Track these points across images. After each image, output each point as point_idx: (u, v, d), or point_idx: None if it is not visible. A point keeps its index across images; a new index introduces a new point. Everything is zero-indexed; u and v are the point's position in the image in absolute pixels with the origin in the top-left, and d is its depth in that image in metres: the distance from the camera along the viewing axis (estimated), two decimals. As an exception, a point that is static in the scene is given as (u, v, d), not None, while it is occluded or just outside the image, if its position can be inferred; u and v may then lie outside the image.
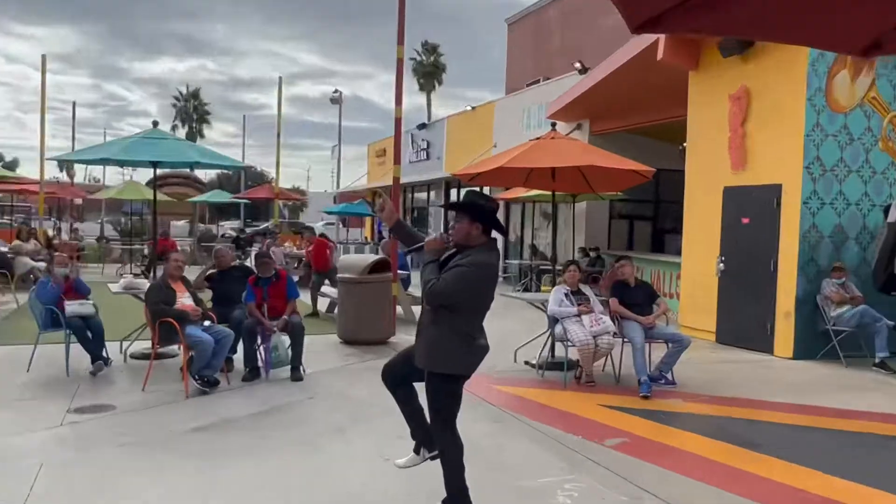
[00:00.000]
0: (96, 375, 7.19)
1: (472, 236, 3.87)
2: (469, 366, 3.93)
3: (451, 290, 3.72)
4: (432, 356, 3.86)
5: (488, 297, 3.95)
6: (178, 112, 53.05)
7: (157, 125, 8.34)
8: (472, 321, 3.91)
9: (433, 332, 3.85)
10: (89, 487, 4.33)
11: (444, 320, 3.83)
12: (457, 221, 3.91)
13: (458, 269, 3.75)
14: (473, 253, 3.82)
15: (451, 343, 3.82)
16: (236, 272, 7.90)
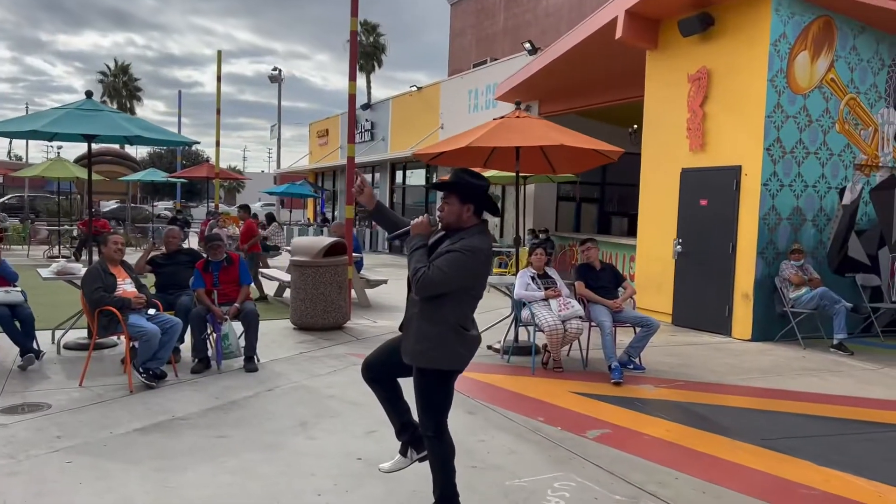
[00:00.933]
0: (26, 370, 6.55)
1: (464, 218, 3.52)
2: (463, 360, 3.57)
3: (446, 278, 3.34)
4: (423, 352, 3.48)
5: (483, 284, 3.59)
6: (107, 88, 50.51)
7: (91, 96, 7.64)
8: (466, 311, 3.55)
9: (423, 326, 3.47)
10: (25, 501, 3.81)
11: (435, 312, 3.45)
12: (445, 202, 3.54)
13: (451, 254, 3.38)
14: (466, 236, 3.46)
15: (443, 337, 3.45)
16: (183, 256, 7.32)
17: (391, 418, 3.86)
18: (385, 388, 3.82)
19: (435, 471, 3.63)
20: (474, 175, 3.61)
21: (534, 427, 5.36)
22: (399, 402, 3.83)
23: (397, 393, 3.83)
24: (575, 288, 7.59)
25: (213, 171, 18.64)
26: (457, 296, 3.46)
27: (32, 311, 6.75)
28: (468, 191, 3.52)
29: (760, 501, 4.10)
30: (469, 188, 3.53)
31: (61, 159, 18.58)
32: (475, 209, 3.54)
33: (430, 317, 3.46)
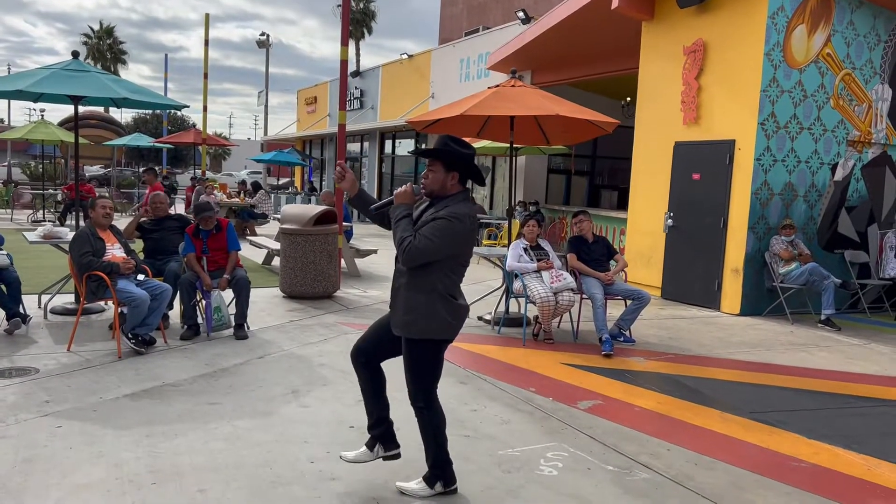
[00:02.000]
0: (13, 334, 6.48)
1: (448, 186, 3.46)
2: (453, 329, 3.53)
3: (433, 246, 3.30)
4: (413, 322, 3.43)
5: (470, 251, 3.54)
6: (91, 50, 49.58)
7: (78, 56, 7.44)
8: (454, 280, 3.49)
9: (412, 296, 3.42)
10: (14, 466, 3.77)
11: (422, 281, 3.41)
12: (430, 169, 3.47)
13: (437, 221, 3.33)
14: (451, 203, 3.41)
15: (433, 306, 3.41)
16: (172, 222, 7.22)
17: (369, 408, 3.76)
18: (372, 374, 3.73)
19: (427, 440, 3.61)
20: (460, 143, 3.53)
21: (525, 397, 5.36)
22: (382, 394, 3.74)
23: (382, 384, 3.73)
24: (567, 260, 7.58)
25: (200, 136, 18.37)
26: (444, 264, 3.41)
27: (18, 275, 6.64)
28: (453, 158, 3.46)
29: (752, 473, 4.13)
30: (454, 156, 3.46)
31: (45, 122, 18.24)
32: (460, 177, 3.49)
33: (418, 286, 3.42)
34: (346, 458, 3.79)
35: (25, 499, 3.42)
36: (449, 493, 3.63)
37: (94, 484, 3.60)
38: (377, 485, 3.76)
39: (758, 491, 3.90)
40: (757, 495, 3.84)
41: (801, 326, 8.68)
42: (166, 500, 3.47)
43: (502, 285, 8.24)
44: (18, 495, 3.45)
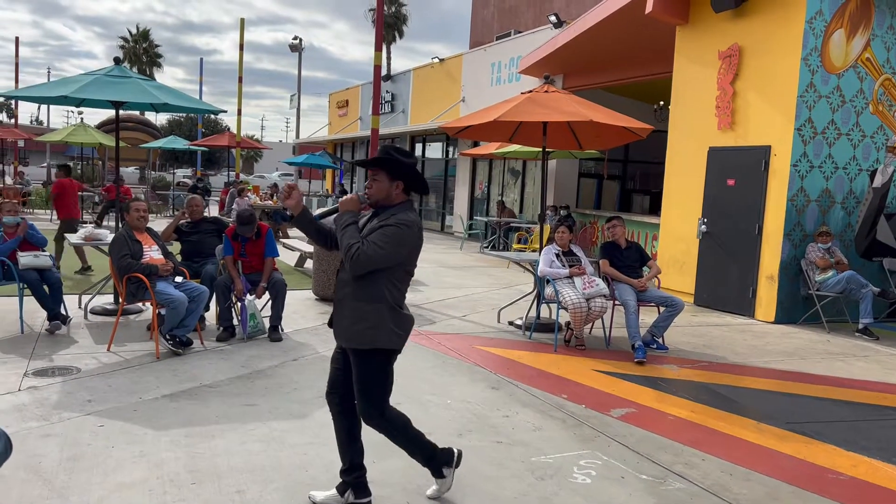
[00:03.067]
0: (54, 334, 6.64)
1: (393, 195, 3.42)
2: (401, 340, 3.45)
3: (382, 253, 3.25)
4: (363, 332, 3.34)
5: (415, 261, 3.51)
6: (127, 53, 50.46)
7: (120, 62, 7.61)
8: (401, 289, 3.44)
9: (359, 305, 3.34)
10: (60, 463, 3.87)
11: (370, 291, 3.33)
12: (374, 179, 3.42)
13: (386, 228, 3.29)
14: (397, 212, 3.37)
15: (380, 315, 3.34)
16: (208, 224, 7.35)
17: (343, 454, 3.59)
18: (348, 417, 3.55)
19: (402, 444, 3.57)
20: (403, 152, 3.49)
21: (557, 404, 5.36)
22: (357, 438, 3.60)
23: (357, 428, 3.59)
24: (599, 266, 7.55)
25: (235, 139, 18.62)
26: (392, 272, 3.37)
27: (60, 276, 6.81)
28: (397, 168, 3.42)
29: (788, 485, 4.09)
30: (398, 165, 3.42)
31: (84, 125, 18.64)
32: (405, 187, 3.46)
33: (364, 296, 3.34)
34: (315, 499, 3.60)
35: (70, 496, 3.52)
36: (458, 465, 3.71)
37: (136, 483, 3.69)
38: (410, 489, 3.79)
39: (793, 502, 3.86)
40: (794, 507, 3.81)
41: (838, 335, 8.54)
42: (206, 500, 3.54)
43: (533, 290, 8.24)
44: (63, 492, 3.55)
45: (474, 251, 16.32)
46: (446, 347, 6.93)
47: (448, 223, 22.33)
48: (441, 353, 6.72)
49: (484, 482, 3.93)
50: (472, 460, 4.20)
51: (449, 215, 22.37)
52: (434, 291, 10.21)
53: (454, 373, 6.08)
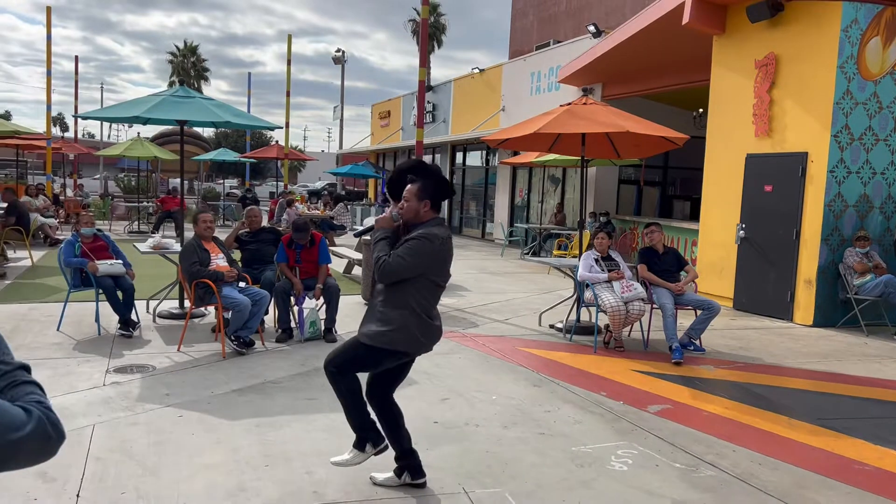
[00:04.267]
0: (131, 336, 7.18)
1: (421, 213, 3.75)
2: (420, 347, 3.77)
3: (405, 264, 3.57)
4: (384, 333, 3.65)
5: (445, 271, 3.80)
6: (176, 68, 52.16)
7: (184, 83, 8.18)
8: (429, 298, 3.74)
9: (386, 310, 3.67)
10: (149, 448, 4.35)
11: (396, 297, 3.66)
12: (404, 199, 3.76)
13: (410, 242, 3.62)
14: (424, 227, 3.70)
15: (405, 321, 3.65)
16: (266, 234, 7.85)
17: (392, 442, 3.93)
18: (390, 410, 3.93)
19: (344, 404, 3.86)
20: (426, 168, 3.81)
21: (596, 401, 5.68)
22: (401, 427, 3.95)
23: (401, 418, 3.97)
24: (638, 271, 7.84)
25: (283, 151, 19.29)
26: (418, 283, 3.66)
27: (133, 284, 7.36)
28: (424, 188, 3.73)
29: (815, 474, 4.35)
30: (424, 186, 3.73)
31: (140, 139, 19.52)
32: (431, 204, 3.76)
33: (392, 302, 3.66)
34: (376, 479, 3.96)
35: (161, 474, 3.98)
36: (380, 453, 3.92)
37: (217, 465, 4.14)
38: (461, 473, 4.17)
39: (821, 490, 4.13)
40: (819, 494, 4.07)
41: (877, 338, 8.66)
42: (279, 479, 3.97)
43: (573, 295, 8.55)
44: (155, 471, 4.02)
45: (515, 258, 16.65)
46: (490, 348, 7.29)
47: (489, 230, 22.68)
48: (485, 353, 7.09)
49: (528, 469, 4.28)
50: (517, 449, 4.57)
51: (490, 222, 22.72)
52: (476, 296, 10.58)
53: (498, 372, 6.44)
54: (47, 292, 9.41)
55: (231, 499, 3.72)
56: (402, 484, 3.95)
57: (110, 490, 3.76)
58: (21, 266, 11.71)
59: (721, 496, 3.99)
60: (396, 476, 3.98)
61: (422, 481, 3.97)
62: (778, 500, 3.96)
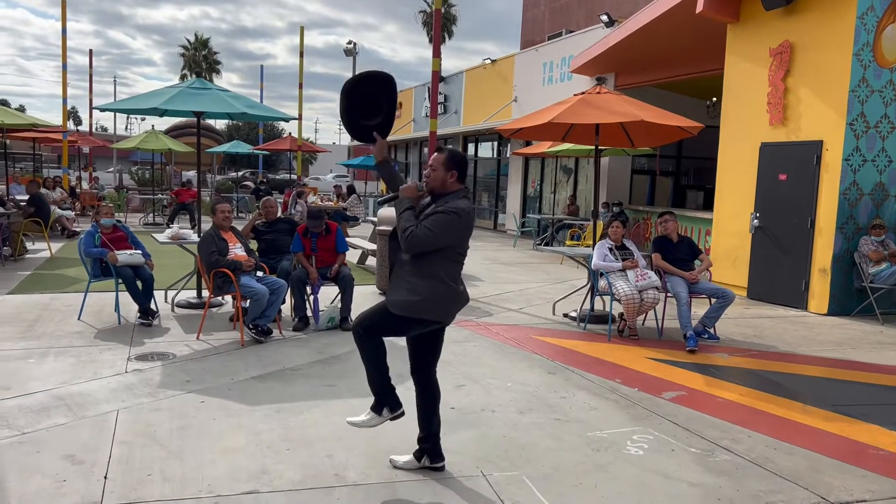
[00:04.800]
0: (150, 325, 7.28)
1: (448, 184, 3.80)
2: (450, 315, 3.87)
3: (432, 236, 3.62)
4: (416, 304, 3.72)
5: (467, 242, 3.88)
6: (188, 61, 52.32)
7: (201, 75, 8.25)
8: (455, 267, 3.82)
9: (415, 281, 3.72)
10: (172, 432, 4.44)
11: (424, 267, 3.72)
12: (431, 168, 3.83)
13: (438, 215, 3.66)
14: (450, 199, 3.75)
15: (434, 290, 3.72)
16: (282, 224, 7.93)
17: (422, 423, 4.02)
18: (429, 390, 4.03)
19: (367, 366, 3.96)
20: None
21: (611, 387, 5.73)
22: (436, 414, 4.02)
23: (437, 403, 4.04)
24: (652, 259, 7.86)
25: (296, 143, 19.36)
26: (444, 252, 3.73)
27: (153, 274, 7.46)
28: (452, 159, 3.81)
29: (830, 458, 4.38)
30: (453, 157, 3.82)
31: (155, 132, 19.65)
32: (459, 176, 3.82)
33: (420, 272, 3.71)
34: (396, 462, 4.05)
35: (185, 457, 4.07)
36: (396, 418, 3.99)
37: (239, 448, 4.23)
38: (479, 457, 4.23)
39: (836, 474, 4.16)
40: (834, 478, 4.11)
41: (892, 326, 8.65)
42: (300, 462, 4.05)
43: (586, 284, 8.59)
44: (179, 454, 4.11)
45: (527, 248, 16.67)
46: (504, 337, 7.35)
47: (500, 221, 22.70)
48: (500, 341, 7.14)
49: (544, 453, 4.34)
50: (534, 434, 4.63)
51: (501, 213, 22.74)
52: (490, 286, 10.63)
53: (513, 359, 6.49)
54: (67, 282, 9.54)
55: (254, 481, 3.80)
56: (422, 467, 4.02)
57: (136, 472, 3.85)
58: (40, 257, 11.87)
59: (736, 480, 4.03)
60: (416, 459, 4.05)
61: (441, 465, 4.03)
62: (793, 484, 4.00)
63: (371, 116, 4.09)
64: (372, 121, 4.09)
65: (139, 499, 3.55)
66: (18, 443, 4.19)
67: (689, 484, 3.96)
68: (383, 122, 4.11)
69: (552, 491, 3.81)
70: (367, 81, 4.12)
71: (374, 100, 4.10)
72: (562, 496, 3.75)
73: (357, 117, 4.10)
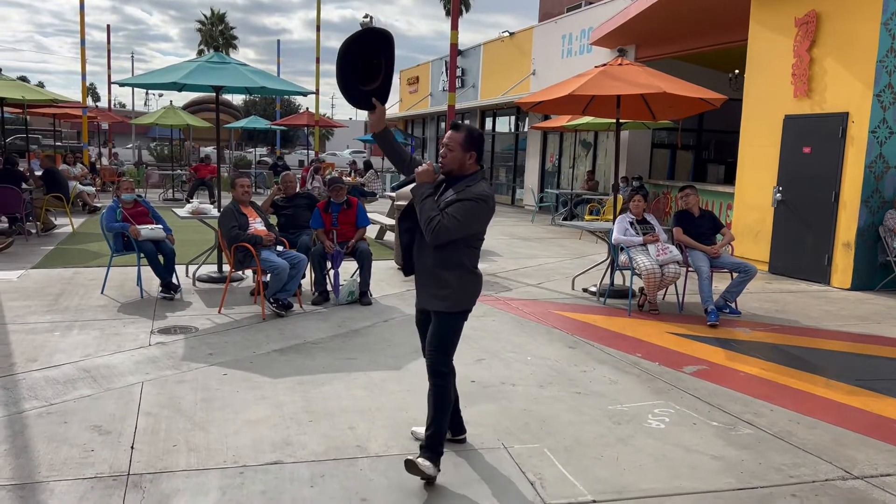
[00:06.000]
0: (172, 299, 7.35)
1: (466, 165, 3.56)
2: (475, 299, 3.71)
3: (460, 226, 3.42)
4: (448, 297, 3.56)
5: (486, 227, 3.68)
6: (204, 36, 52.22)
7: (219, 49, 8.22)
8: (476, 253, 3.66)
9: (442, 273, 3.55)
10: (196, 404, 4.49)
11: (450, 258, 3.54)
12: (448, 148, 3.54)
13: (465, 203, 3.43)
14: (472, 183, 3.50)
15: (462, 280, 3.58)
16: (302, 199, 7.94)
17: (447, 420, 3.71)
18: None
19: (438, 408, 3.60)
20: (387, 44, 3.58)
21: (632, 361, 5.72)
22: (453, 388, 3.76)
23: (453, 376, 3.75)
24: (673, 234, 7.79)
25: (313, 118, 19.32)
26: (467, 241, 3.56)
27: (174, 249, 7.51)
28: (471, 139, 3.54)
29: (853, 432, 4.35)
30: (472, 136, 3.54)
31: (173, 108, 19.69)
32: (477, 156, 3.59)
33: (446, 263, 3.54)
34: (418, 434, 3.96)
35: (210, 428, 4.12)
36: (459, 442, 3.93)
37: (262, 419, 4.27)
38: (499, 429, 4.24)
39: (859, 448, 4.13)
40: (858, 451, 4.08)
41: (917, 301, 8.54)
42: (323, 434, 4.08)
43: (606, 259, 8.54)
44: (204, 425, 4.16)
45: (545, 224, 16.61)
46: (524, 312, 7.34)
47: (518, 196, 22.60)
48: (519, 316, 7.14)
49: (565, 426, 4.34)
50: (554, 407, 4.63)
51: (519, 189, 22.63)
52: (508, 262, 10.61)
53: (532, 334, 6.49)
54: (90, 257, 9.64)
55: (278, 451, 3.84)
56: None
57: (162, 442, 3.91)
58: (63, 232, 11.99)
59: (759, 453, 4.02)
60: None
61: (462, 437, 4.05)
62: (816, 458, 3.98)
63: (369, 80, 3.71)
64: (370, 85, 3.70)
65: (165, 468, 3.60)
66: (46, 413, 4.26)
67: (712, 457, 3.95)
68: (381, 86, 3.72)
69: (573, 463, 3.82)
70: (362, 41, 3.69)
71: (372, 60, 3.70)
72: (583, 468, 3.76)
73: (353, 83, 3.70)
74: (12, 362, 5.18)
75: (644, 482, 3.63)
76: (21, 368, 5.05)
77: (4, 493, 3.30)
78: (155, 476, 3.52)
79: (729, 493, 3.54)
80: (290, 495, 3.38)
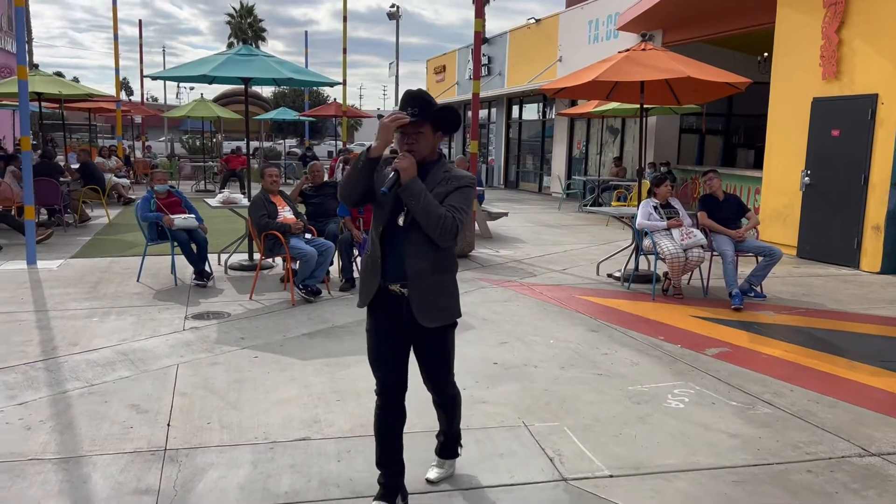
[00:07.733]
0: (205, 286, 7.56)
1: (435, 148, 3.06)
2: None
3: (466, 218, 3.01)
4: (448, 307, 3.15)
5: None
6: (234, 29, 52.74)
7: (247, 42, 8.40)
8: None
9: (442, 279, 3.09)
10: (229, 384, 4.68)
11: (447, 260, 3.10)
12: (419, 132, 2.95)
13: (464, 190, 3.00)
14: (451, 169, 3.06)
15: (456, 285, 3.20)
16: (329, 188, 8.10)
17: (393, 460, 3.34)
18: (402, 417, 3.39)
19: (454, 416, 3.51)
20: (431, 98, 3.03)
21: (654, 344, 5.78)
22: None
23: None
24: (697, 218, 7.80)
25: (341, 109, 19.51)
26: None
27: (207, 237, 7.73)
28: (442, 118, 3.00)
29: (873, 412, 4.38)
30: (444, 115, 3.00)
31: (204, 100, 20.02)
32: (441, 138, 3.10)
33: (444, 267, 3.09)
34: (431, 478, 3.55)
35: (242, 407, 4.30)
36: None
37: (292, 399, 4.44)
38: (521, 408, 4.36)
39: (879, 427, 4.17)
40: (877, 430, 4.12)
41: (948, 285, 8.44)
42: (349, 412, 4.24)
43: (631, 244, 8.57)
44: (237, 405, 4.34)
45: (572, 211, 16.61)
46: (547, 296, 7.42)
47: (545, 184, 22.58)
48: (542, 300, 7.23)
49: (586, 406, 4.44)
50: (575, 388, 4.73)
51: (546, 176, 22.61)
52: (534, 248, 10.68)
53: (555, 318, 6.58)
54: (125, 247, 9.94)
55: (307, 428, 4.00)
56: None
57: (196, 420, 4.09)
58: (99, 224, 12.34)
59: (777, 431, 4.08)
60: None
61: None
62: (834, 436, 4.02)
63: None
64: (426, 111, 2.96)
65: (200, 444, 3.78)
66: (88, 393, 4.48)
67: (729, 435, 4.02)
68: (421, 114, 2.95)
69: (592, 441, 3.92)
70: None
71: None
72: (602, 445, 3.86)
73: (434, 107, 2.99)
74: (55, 346, 5.42)
75: (661, 458, 3.72)
76: (63, 352, 5.29)
77: (52, 466, 3.51)
78: (190, 451, 3.70)
79: (744, 468, 3.62)
80: (318, 469, 3.54)
